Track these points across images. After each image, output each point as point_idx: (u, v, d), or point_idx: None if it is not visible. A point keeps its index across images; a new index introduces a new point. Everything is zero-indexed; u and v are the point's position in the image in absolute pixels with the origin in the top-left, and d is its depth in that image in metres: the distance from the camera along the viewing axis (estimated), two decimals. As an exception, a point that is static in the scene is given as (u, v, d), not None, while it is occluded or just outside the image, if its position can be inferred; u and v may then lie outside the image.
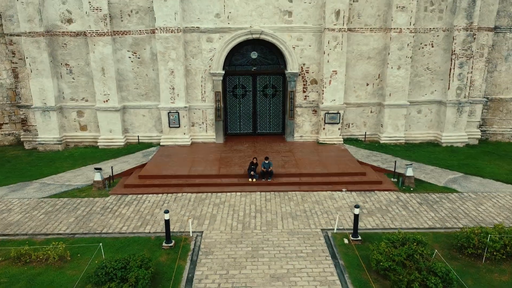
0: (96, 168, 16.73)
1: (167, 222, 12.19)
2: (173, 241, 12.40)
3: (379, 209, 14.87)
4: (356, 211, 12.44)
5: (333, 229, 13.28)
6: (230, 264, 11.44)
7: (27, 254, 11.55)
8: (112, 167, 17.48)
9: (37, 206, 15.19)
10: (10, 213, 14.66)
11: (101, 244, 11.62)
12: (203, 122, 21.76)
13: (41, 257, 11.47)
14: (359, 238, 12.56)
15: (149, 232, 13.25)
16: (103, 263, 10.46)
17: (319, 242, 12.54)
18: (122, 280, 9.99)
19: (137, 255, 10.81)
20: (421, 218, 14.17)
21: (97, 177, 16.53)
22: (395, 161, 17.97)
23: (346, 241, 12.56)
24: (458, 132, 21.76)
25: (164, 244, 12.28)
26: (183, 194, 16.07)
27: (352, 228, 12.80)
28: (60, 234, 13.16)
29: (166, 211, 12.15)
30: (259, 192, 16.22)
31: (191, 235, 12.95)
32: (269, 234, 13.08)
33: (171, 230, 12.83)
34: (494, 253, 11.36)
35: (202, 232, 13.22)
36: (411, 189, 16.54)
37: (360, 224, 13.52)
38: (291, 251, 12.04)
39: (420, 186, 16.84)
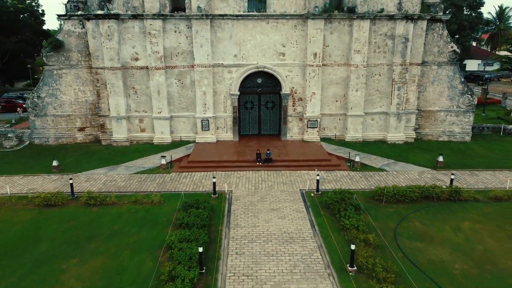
0: (162, 156, 26.92)
1: (214, 183, 22.35)
2: (217, 194, 22.50)
3: (335, 180, 24.96)
4: (318, 177, 22.58)
5: (306, 189, 23.37)
6: (249, 204, 21.50)
7: (140, 199, 21.62)
8: (171, 155, 27.64)
9: (130, 178, 25.29)
10: (116, 182, 24.75)
11: (182, 193, 21.78)
12: (224, 126, 31.85)
13: (148, 201, 21.54)
14: (320, 193, 22.63)
15: (202, 191, 23.32)
16: (185, 201, 20.56)
17: (297, 195, 22.60)
18: (196, 208, 20.00)
19: (201, 198, 20.89)
20: (358, 184, 24.26)
21: (163, 161, 26.65)
22: (349, 152, 28.12)
23: (312, 194, 22.63)
24: (398, 133, 31.86)
25: (212, 195, 22.35)
26: (217, 172, 26.09)
27: (316, 187, 22.87)
28: (151, 191, 23.20)
29: (214, 177, 22.30)
30: (263, 171, 26.29)
31: (226, 192, 23.03)
32: (270, 192, 23.16)
33: (213, 189, 22.82)
34: (389, 198, 21.43)
35: (232, 191, 23.29)
36: (358, 169, 26.61)
37: (322, 187, 23.53)
38: (282, 199, 22.11)
39: (364, 167, 26.94)
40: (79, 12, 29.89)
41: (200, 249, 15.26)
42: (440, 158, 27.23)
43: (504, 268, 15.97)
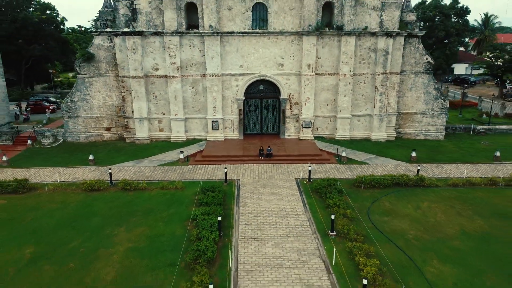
0: (180, 151, 32.14)
1: (225, 173, 27.60)
2: (228, 182, 27.72)
3: (324, 171, 30.18)
4: (310, 169, 27.82)
5: (300, 178, 28.60)
6: (254, 189, 26.71)
7: (166, 186, 26.83)
8: (187, 151, 32.87)
9: (155, 169, 30.50)
10: (144, 172, 29.95)
11: (200, 181, 27.02)
12: (231, 126, 37.05)
13: (173, 187, 26.75)
14: (311, 181, 27.84)
15: (215, 179, 28.51)
16: (203, 187, 25.79)
17: (293, 183, 27.81)
18: (212, 191, 25.18)
19: (216, 185, 26.10)
20: (343, 174, 29.49)
21: (181, 156, 31.87)
22: (337, 148, 33.38)
23: (305, 182, 27.85)
24: (381, 133, 37.07)
25: (224, 183, 27.57)
26: (226, 164, 31.27)
27: (308, 177, 28.10)
28: (174, 180, 28.39)
29: (225, 168, 27.54)
30: (265, 164, 31.49)
31: (235, 180, 28.25)
32: (270, 180, 28.38)
33: (225, 177, 28.01)
34: (366, 185, 26.65)
35: (239, 179, 28.50)
36: (344, 162, 31.83)
37: (313, 176, 28.72)
38: (280, 185, 27.32)
39: (350, 161, 32.15)
40: (108, 29, 35.08)
41: (219, 218, 20.51)
42: (413, 154, 32.44)
43: (448, 234, 21.16)
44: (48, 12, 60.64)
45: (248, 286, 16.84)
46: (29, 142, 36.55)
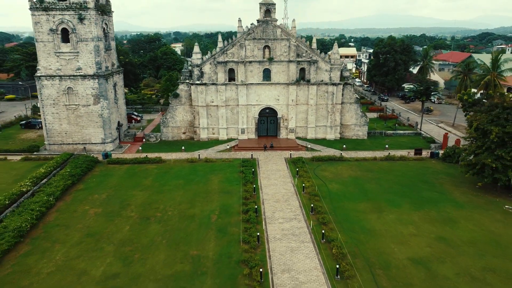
0: (227, 145, 64.28)
1: (252, 155, 59.70)
2: (253, 158, 59.73)
3: (298, 154, 62.13)
4: (291, 153, 59.92)
5: (286, 157, 60.63)
6: (265, 162, 58.68)
7: (225, 160, 58.81)
8: (230, 144, 65.03)
9: (216, 153, 62.52)
10: (211, 154, 61.93)
11: (241, 158, 59.15)
12: (251, 131, 69.00)
13: (227, 160, 58.74)
14: (291, 158, 59.83)
15: (247, 158, 60.48)
16: (242, 160, 57.82)
17: (283, 159, 59.80)
18: (247, 162, 57.04)
19: (248, 159, 58.08)
20: (307, 155, 61.45)
21: (227, 147, 63.95)
22: (306, 143, 65.49)
23: (288, 159, 59.87)
24: (331, 135, 69.14)
25: (251, 159, 59.55)
26: (251, 151, 63.12)
27: (290, 156, 60.11)
28: (227, 158, 60.28)
29: (252, 154, 59.62)
30: (269, 151, 63.50)
31: (256, 158, 60.26)
32: (272, 158, 60.39)
33: (251, 157, 59.82)
34: (316, 159, 58.62)
35: (258, 157, 60.51)
36: (309, 150, 63.83)
37: (293, 156, 60.65)
38: (277, 160, 59.32)
39: (312, 150, 64.18)
40: (187, 81, 67.01)
41: (253, 170, 52.59)
42: (344, 146, 64.48)
43: (343, 176, 52.80)
44: (129, 55, 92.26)
45: (265, 189, 48.76)
46: (144, 140, 68.49)
